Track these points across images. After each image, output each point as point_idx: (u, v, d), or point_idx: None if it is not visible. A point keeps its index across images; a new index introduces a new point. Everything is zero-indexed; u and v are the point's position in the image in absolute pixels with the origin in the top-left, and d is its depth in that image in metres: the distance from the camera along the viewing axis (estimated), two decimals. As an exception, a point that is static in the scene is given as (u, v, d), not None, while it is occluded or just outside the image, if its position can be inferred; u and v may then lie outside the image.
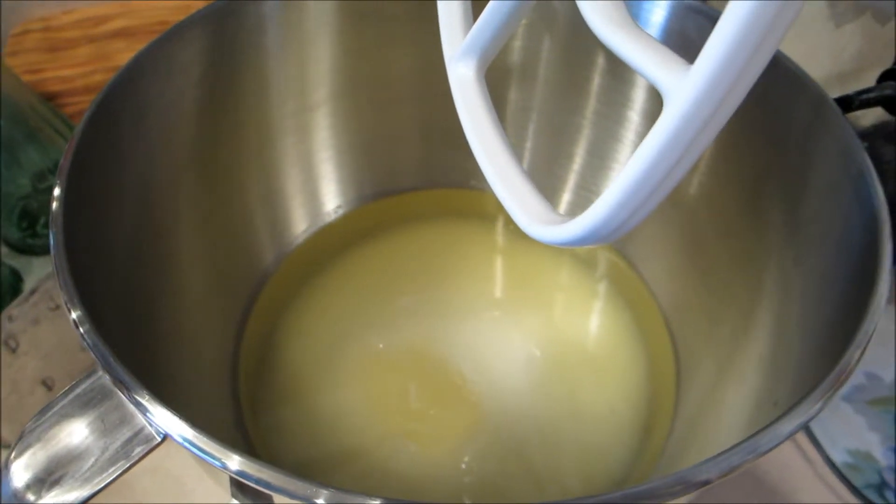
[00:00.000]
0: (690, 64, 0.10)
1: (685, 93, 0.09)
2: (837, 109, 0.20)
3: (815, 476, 0.30)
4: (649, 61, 0.10)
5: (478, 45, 0.16)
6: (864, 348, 0.16)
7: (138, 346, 0.21)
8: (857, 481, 0.30)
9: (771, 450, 0.14)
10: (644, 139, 0.10)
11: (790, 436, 0.14)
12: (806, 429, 0.31)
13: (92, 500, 0.21)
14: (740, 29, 0.09)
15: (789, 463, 0.30)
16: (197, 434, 0.14)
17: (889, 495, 0.30)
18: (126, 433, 0.15)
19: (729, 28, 0.09)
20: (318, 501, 0.13)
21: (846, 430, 0.32)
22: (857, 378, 0.33)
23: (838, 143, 0.20)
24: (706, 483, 0.14)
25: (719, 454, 0.14)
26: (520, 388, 0.28)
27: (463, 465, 0.26)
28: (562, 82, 0.30)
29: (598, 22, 0.11)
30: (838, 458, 0.30)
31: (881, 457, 0.31)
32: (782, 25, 0.09)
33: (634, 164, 0.10)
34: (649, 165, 0.10)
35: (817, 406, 0.15)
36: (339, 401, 0.28)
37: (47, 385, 0.31)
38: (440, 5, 0.18)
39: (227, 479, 0.18)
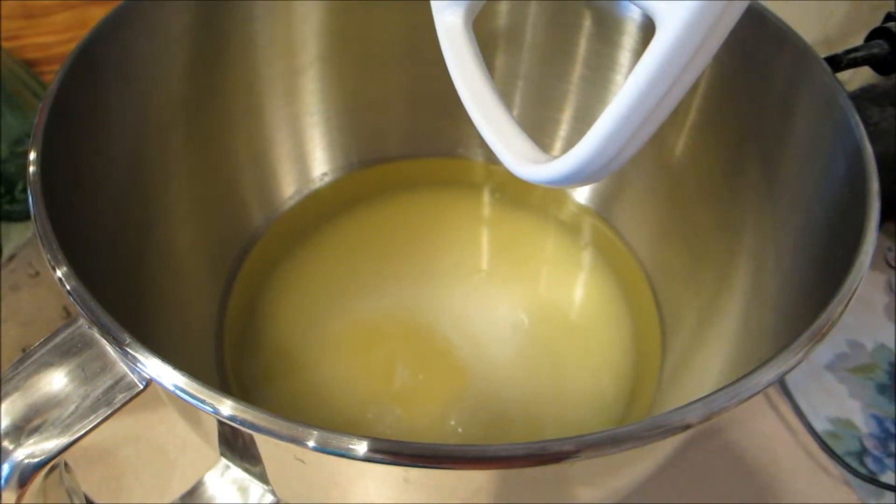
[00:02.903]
0: (682, -12, 0.10)
1: (679, 13, 0.09)
2: (821, 61, 0.20)
3: (797, 444, 0.30)
4: (640, -14, 0.10)
5: (465, -8, 0.16)
6: (847, 304, 0.16)
7: (122, 307, 0.21)
8: (839, 449, 0.30)
9: (751, 397, 0.14)
10: (633, 69, 0.10)
11: (770, 384, 0.14)
12: (788, 397, 0.31)
13: (74, 467, 0.21)
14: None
15: (771, 432, 0.31)
16: (187, 379, 0.14)
17: (869, 462, 0.30)
18: (107, 381, 0.15)
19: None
20: (308, 443, 0.13)
21: (828, 398, 0.32)
22: (839, 346, 0.34)
23: (821, 95, 0.20)
24: (687, 427, 0.14)
25: (700, 398, 0.14)
26: (505, 354, 0.28)
27: (448, 430, 0.26)
28: (548, 47, 0.30)
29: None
30: (820, 426, 0.31)
31: (862, 424, 0.31)
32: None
33: (625, 92, 0.10)
34: (641, 92, 0.10)
35: (797, 357, 0.15)
36: (325, 367, 0.28)
37: (27, 353, 0.30)
38: (427, -46, 0.17)
39: (216, 438, 0.18)
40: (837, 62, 0.22)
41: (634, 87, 0.10)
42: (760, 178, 0.23)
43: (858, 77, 0.26)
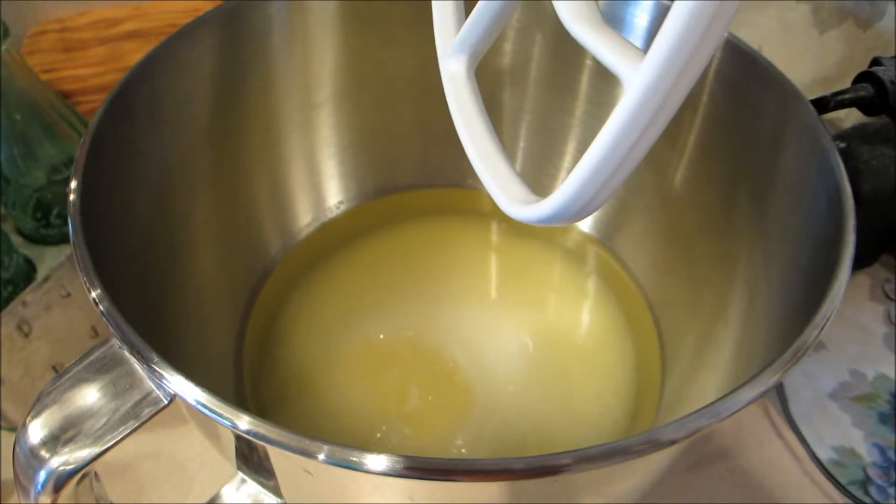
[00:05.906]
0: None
1: (639, 80, 0.11)
2: (806, 103, 0.21)
3: (803, 473, 0.31)
4: (611, 53, 0.11)
5: (468, 42, 0.18)
6: (822, 329, 0.17)
7: (148, 329, 0.22)
8: (843, 478, 0.30)
9: (731, 415, 0.15)
10: (604, 125, 0.12)
11: (748, 403, 0.15)
12: (792, 425, 0.31)
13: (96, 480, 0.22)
14: (684, 25, 0.10)
15: (777, 459, 0.31)
16: (208, 396, 0.15)
17: (873, 491, 0.30)
18: (136, 396, 0.16)
19: (674, 24, 0.10)
20: (319, 456, 0.14)
21: (831, 427, 0.32)
22: (842, 375, 0.34)
23: (806, 135, 0.21)
24: (673, 442, 0.15)
25: (685, 416, 0.15)
26: (511, 377, 0.29)
27: (453, 449, 0.27)
28: (552, 84, 0.31)
29: (568, 18, 0.12)
30: (824, 455, 0.31)
31: (865, 453, 0.31)
32: (721, 24, 0.10)
33: (597, 145, 0.11)
34: (610, 146, 0.11)
35: (775, 378, 0.16)
36: (337, 387, 0.29)
37: (57, 370, 0.32)
38: (434, 5, 0.19)
39: (233, 452, 0.19)
40: (825, 104, 0.23)
41: (604, 141, 0.11)
42: (752, 212, 0.24)
43: (852, 117, 0.27)
